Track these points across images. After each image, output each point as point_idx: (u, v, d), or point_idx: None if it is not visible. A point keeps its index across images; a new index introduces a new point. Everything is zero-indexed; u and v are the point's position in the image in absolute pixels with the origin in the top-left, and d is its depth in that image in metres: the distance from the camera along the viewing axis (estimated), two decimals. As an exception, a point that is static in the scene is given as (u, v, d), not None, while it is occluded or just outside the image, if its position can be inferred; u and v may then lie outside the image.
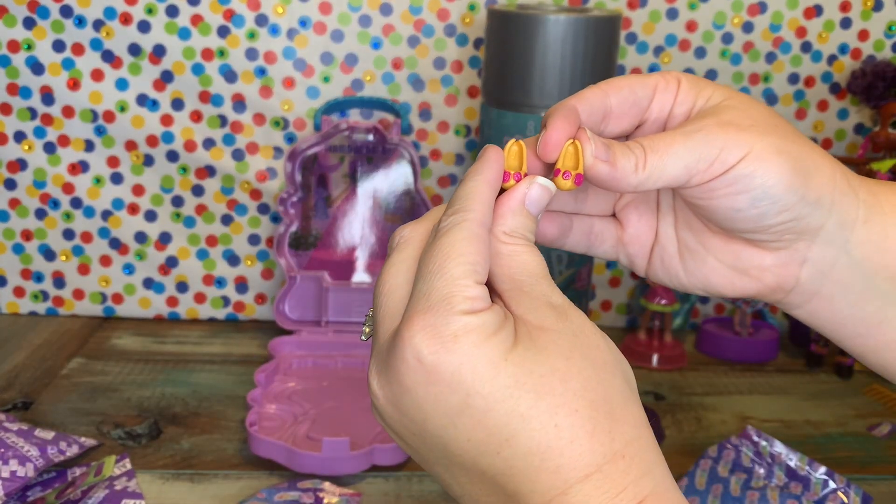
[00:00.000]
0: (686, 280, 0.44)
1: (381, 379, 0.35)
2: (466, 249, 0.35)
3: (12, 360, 0.86)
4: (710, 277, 0.43)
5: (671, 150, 0.38)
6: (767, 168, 0.38)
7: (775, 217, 0.40)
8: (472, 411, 0.33)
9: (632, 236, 0.45)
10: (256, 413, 0.73)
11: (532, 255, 0.37)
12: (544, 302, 0.35)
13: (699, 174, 0.39)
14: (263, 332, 0.94)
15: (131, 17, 0.89)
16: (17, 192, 0.93)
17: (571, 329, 0.35)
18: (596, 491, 0.32)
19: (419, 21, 0.91)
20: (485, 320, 0.33)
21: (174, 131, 0.92)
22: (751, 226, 0.40)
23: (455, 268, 0.34)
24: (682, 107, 0.41)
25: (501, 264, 0.36)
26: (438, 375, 0.33)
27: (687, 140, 0.39)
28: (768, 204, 0.39)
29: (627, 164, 0.38)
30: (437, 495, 0.67)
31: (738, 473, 0.66)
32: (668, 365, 0.90)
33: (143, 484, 0.66)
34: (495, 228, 0.37)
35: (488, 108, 0.81)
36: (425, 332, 0.33)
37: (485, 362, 0.33)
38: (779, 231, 0.40)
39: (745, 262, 0.42)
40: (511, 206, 0.37)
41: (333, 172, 0.91)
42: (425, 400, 0.34)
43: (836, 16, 0.93)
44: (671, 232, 0.44)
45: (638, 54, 0.93)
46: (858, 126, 0.97)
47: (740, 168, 0.38)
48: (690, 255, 0.44)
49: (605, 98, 0.41)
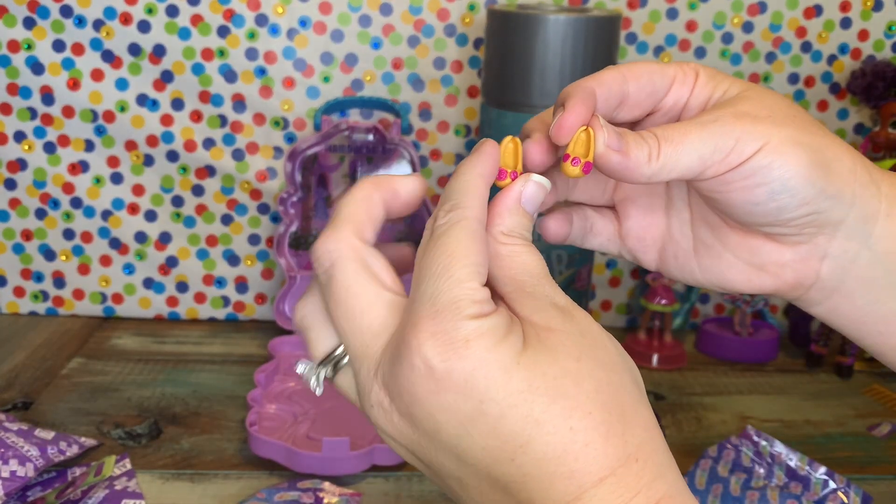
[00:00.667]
0: (701, 276, 0.43)
1: (387, 393, 0.34)
2: (469, 250, 0.34)
3: (12, 360, 0.86)
4: (727, 274, 0.42)
5: (686, 140, 0.37)
6: (785, 160, 0.37)
7: (795, 211, 0.38)
8: (486, 418, 0.32)
9: (631, 230, 0.44)
10: (256, 413, 0.73)
11: (532, 255, 0.36)
12: (548, 303, 0.34)
13: (714, 166, 0.37)
14: (263, 332, 0.94)
15: (131, 16, 0.89)
16: (17, 192, 0.93)
17: (578, 329, 0.34)
18: (610, 495, 0.32)
19: (419, 21, 0.91)
20: (494, 323, 0.33)
21: (174, 131, 0.92)
22: (770, 220, 0.39)
23: (460, 270, 0.33)
24: (698, 99, 0.40)
25: (502, 266, 0.35)
26: (451, 382, 0.32)
27: (702, 130, 0.37)
28: (787, 197, 0.38)
29: (641, 154, 0.37)
30: (437, 495, 0.67)
31: (738, 473, 0.66)
32: (668, 365, 0.90)
33: (143, 484, 0.66)
34: (493, 229, 0.36)
35: (488, 108, 0.81)
36: (435, 338, 0.32)
37: (497, 367, 0.32)
38: (799, 225, 0.39)
39: (763, 258, 0.41)
40: (508, 205, 0.36)
41: (333, 172, 0.91)
42: (438, 409, 0.32)
43: (836, 16, 0.93)
44: (686, 228, 0.43)
45: (638, 54, 0.93)
46: (858, 126, 0.97)
47: (757, 159, 0.37)
48: (707, 251, 0.43)
49: (623, 84, 0.39)
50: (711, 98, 0.40)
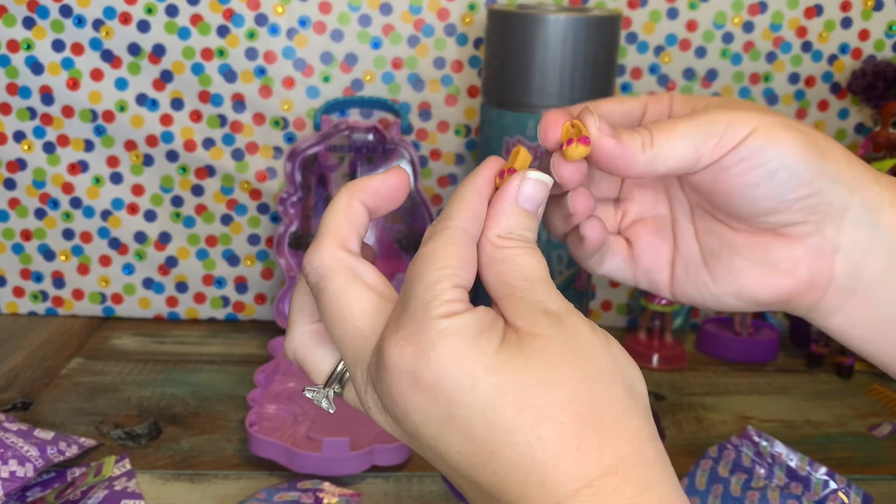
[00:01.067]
0: (715, 288, 0.42)
1: (376, 393, 0.35)
2: (444, 254, 0.34)
3: (12, 360, 0.86)
4: (741, 279, 0.42)
5: (677, 129, 0.38)
6: (779, 139, 0.38)
7: (795, 191, 0.38)
8: (456, 422, 0.32)
9: (643, 252, 0.44)
10: (256, 413, 0.73)
11: (529, 258, 0.35)
12: (538, 308, 0.34)
13: (709, 152, 0.38)
14: (263, 332, 0.94)
15: (131, 16, 0.89)
16: (17, 192, 0.92)
17: (564, 335, 0.33)
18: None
19: (419, 21, 0.91)
20: (465, 322, 0.32)
21: (174, 131, 0.92)
22: (774, 204, 0.39)
23: (433, 273, 0.33)
24: (681, 114, 0.41)
25: (496, 270, 0.35)
26: (420, 384, 0.32)
27: (692, 120, 0.38)
28: (786, 175, 0.38)
29: (634, 142, 0.37)
30: (437, 495, 0.67)
31: (739, 473, 0.66)
32: (669, 365, 0.90)
33: (143, 484, 0.66)
34: (488, 232, 0.36)
35: (488, 108, 0.81)
36: (405, 339, 0.32)
37: (464, 371, 0.32)
38: (802, 209, 0.39)
39: (775, 256, 0.41)
40: (502, 206, 0.36)
41: (333, 172, 0.91)
42: (413, 410, 0.33)
43: (836, 15, 0.93)
44: (693, 242, 0.43)
45: (638, 54, 0.93)
46: (859, 126, 0.97)
47: (751, 141, 0.38)
48: (716, 259, 0.42)
49: (600, 105, 0.41)
50: (694, 110, 0.41)
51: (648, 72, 0.93)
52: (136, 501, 0.63)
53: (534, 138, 0.79)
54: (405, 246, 0.91)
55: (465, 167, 0.95)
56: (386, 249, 0.91)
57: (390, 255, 0.91)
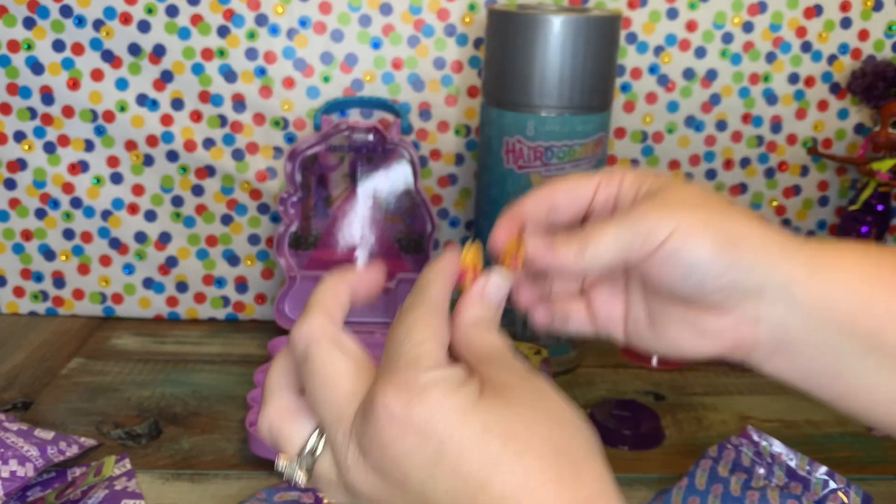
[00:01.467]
0: (656, 345, 0.48)
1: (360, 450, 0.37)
2: (427, 321, 0.38)
3: (12, 360, 0.86)
4: (678, 341, 0.47)
5: (605, 236, 0.43)
6: (693, 242, 0.42)
7: (712, 283, 0.43)
8: (447, 460, 0.34)
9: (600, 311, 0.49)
10: (256, 413, 0.73)
11: (496, 336, 0.40)
12: (506, 367, 0.38)
13: (634, 252, 0.43)
14: (263, 332, 0.94)
15: (131, 16, 0.89)
16: (17, 192, 0.93)
17: (533, 386, 0.37)
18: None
19: (419, 21, 0.91)
20: (451, 374, 0.36)
21: (174, 131, 0.92)
22: (695, 292, 0.44)
23: (418, 334, 0.38)
24: (627, 195, 0.46)
25: (468, 348, 0.40)
26: (412, 426, 0.35)
27: (619, 225, 0.43)
28: (701, 273, 0.43)
29: (569, 252, 0.44)
30: (437, 495, 0.67)
31: (739, 473, 0.66)
32: (668, 365, 0.90)
33: (143, 484, 0.66)
34: (458, 320, 0.41)
35: (488, 108, 0.81)
36: (397, 388, 0.35)
37: (454, 409, 0.35)
38: (721, 296, 0.44)
39: (704, 326, 0.46)
40: (472, 299, 0.42)
41: (333, 172, 0.91)
42: (402, 454, 0.35)
43: (836, 16, 0.93)
44: (640, 305, 0.48)
45: (638, 54, 0.93)
46: (859, 126, 0.97)
47: (669, 244, 0.42)
48: (657, 322, 0.48)
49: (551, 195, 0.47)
50: (639, 192, 0.46)
51: (648, 72, 0.93)
52: (136, 501, 0.63)
53: (534, 138, 0.79)
54: (405, 246, 0.91)
55: (465, 167, 0.95)
56: (386, 249, 0.91)
57: (390, 255, 0.91)
